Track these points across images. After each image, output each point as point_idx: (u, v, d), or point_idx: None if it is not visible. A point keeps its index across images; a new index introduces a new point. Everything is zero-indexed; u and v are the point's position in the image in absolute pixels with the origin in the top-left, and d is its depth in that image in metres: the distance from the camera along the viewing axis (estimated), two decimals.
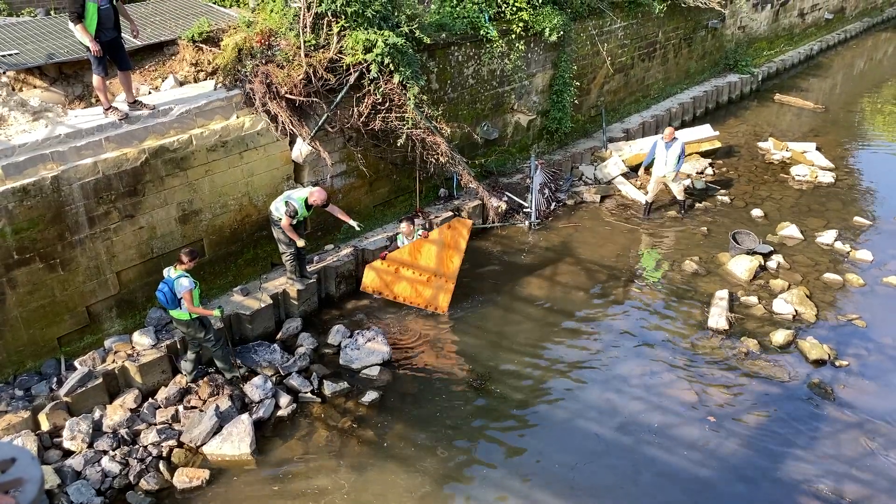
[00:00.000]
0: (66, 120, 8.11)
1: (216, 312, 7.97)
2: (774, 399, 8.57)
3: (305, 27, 9.29)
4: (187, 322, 7.91)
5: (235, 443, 7.56)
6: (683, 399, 8.52)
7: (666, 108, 17.26)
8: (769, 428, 8.12)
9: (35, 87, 8.93)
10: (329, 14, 9.27)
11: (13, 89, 8.65)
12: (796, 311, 10.11)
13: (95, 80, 8.01)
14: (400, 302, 10.09)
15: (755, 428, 8.12)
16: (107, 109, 8.16)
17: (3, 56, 8.58)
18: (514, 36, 12.46)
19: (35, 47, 8.94)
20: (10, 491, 1.28)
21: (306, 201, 9.01)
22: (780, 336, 9.51)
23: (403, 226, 10.19)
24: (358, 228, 9.67)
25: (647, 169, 13.44)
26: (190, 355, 8.23)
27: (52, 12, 10.89)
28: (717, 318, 9.85)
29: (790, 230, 12.40)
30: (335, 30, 9.38)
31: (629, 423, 8.12)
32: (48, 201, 7.39)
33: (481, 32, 11.84)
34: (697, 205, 13.51)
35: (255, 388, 8.26)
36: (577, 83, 14.26)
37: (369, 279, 10.13)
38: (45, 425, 7.43)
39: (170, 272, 7.80)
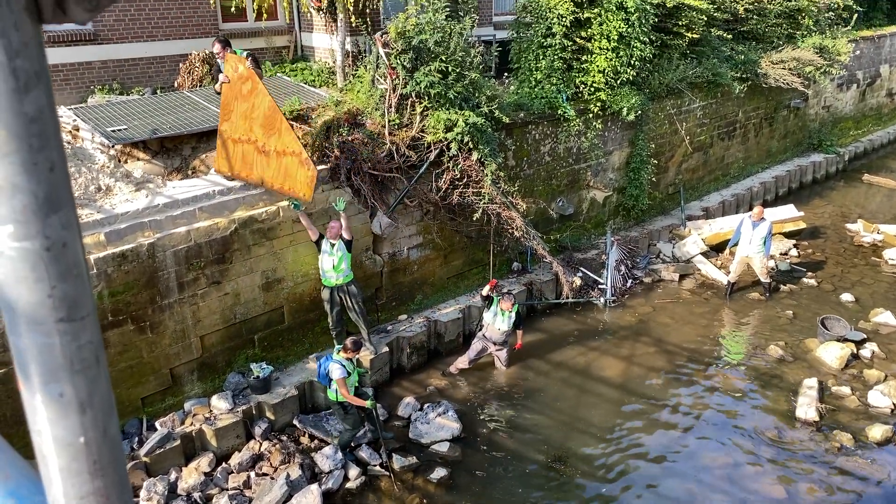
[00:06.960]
0: (164, 190, 8.64)
1: (368, 404, 8.22)
2: (872, 500, 7.93)
3: (391, 107, 9.70)
4: (333, 402, 8.27)
5: None
6: (771, 495, 7.99)
7: (747, 187, 16.91)
8: None
9: (139, 159, 9.58)
10: (413, 95, 9.68)
11: (119, 161, 9.31)
12: (895, 404, 9.44)
13: None
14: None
15: None
16: None
17: (113, 131, 9.27)
18: (591, 115, 12.60)
19: (140, 123, 9.63)
20: None
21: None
22: (877, 431, 8.87)
23: (504, 303, 9.73)
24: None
25: (732, 249, 13.05)
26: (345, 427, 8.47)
27: (158, 91, 11.76)
28: (806, 408, 9.29)
29: (885, 317, 11.71)
30: (418, 110, 9.75)
31: None
32: (144, 266, 7.81)
33: (559, 112, 12.04)
34: (782, 287, 12.99)
35: (325, 458, 8.25)
36: (655, 161, 14.21)
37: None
38: None
39: (333, 353, 8.33)
